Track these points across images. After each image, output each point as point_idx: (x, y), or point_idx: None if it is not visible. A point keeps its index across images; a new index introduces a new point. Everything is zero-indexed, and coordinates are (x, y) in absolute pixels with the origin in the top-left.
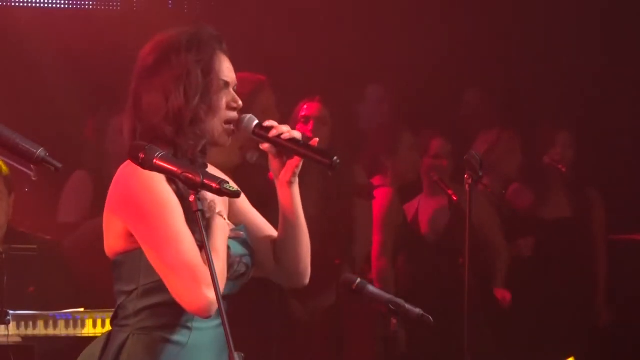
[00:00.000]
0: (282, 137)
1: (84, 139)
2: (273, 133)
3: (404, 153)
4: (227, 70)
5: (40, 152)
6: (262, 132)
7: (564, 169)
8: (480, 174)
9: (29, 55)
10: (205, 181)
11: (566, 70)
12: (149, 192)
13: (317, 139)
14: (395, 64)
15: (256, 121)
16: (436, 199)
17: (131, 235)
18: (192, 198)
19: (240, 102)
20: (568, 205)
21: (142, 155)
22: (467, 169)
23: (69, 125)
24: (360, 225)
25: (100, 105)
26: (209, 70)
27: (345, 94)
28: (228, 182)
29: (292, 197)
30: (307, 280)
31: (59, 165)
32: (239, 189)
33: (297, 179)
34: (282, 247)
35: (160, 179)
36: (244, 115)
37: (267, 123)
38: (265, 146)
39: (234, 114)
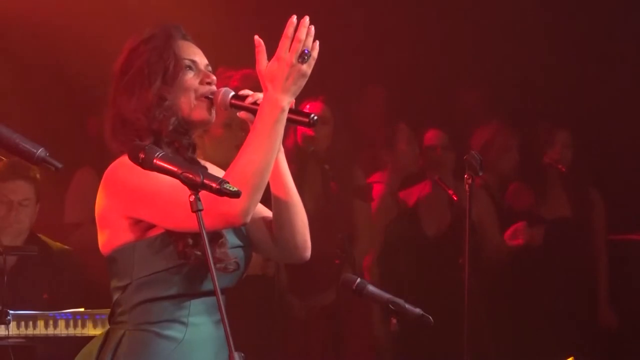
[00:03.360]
0: (258, 102)
1: (87, 136)
2: (249, 100)
3: (402, 147)
4: (189, 50)
5: (40, 152)
6: (238, 102)
7: (563, 169)
8: (480, 173)
9: (30, 54)
10: (205, 181)
11: (566, 70)
12: (134, 171)
13: (293, 101)
14: (394, 64)
15: (232, 92)
16: (436, 196)
17: (124, 229)
18: (192, 198)
19: (214, 77)
20: (568, 205)
21: (142, 156)
22: (467, 169)
23: (71, 122)
24: (360, 225)
25: (103, 103)
26: (164, 52)
27: (346, 95)
28: (228, 182)
29: (279, 166)
30: (308, 254)
31: (59, 165)
32: (238, 189)
33: (281, 147)
34: (278, 223)
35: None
36: (219, 89)
37: (243, 92)
38: (243, 114)
39: (208, 88)
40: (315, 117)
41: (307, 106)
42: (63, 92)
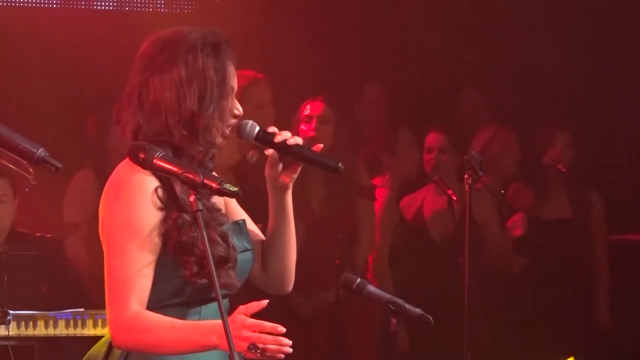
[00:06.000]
0: (288, 142)
1: (87, 136)
2: (279, 139)
3: (403, 150)
4: (235, 77)
5: (41, 152)
6: (266, 138)
7: (563, 169)
8: (480, 173)
9: (30, 53)
10: (205, 181)
11: (566, 70)
12: (126, 221)
13: (321, 145)
14: (395, 63)
15: (257, 127)
16: (439, 198)
17: None
18: (192, 198)
19: (241, 109)
20: (568, 206)
21: (142, 155)
22: (467, 169)
23: (71, 123)
24: (362, 225)
25: (102, 102)
26: (225, 80)
27: (347, 94)
28: (228, 182)
29: (287, 203)
30: (290, 288)
31: (60, 165)
32: (238, 189)
33: (292, 185)
34: (270, 253)
35: (145, 205)
36: (244, 122)
37: (270, 129)
38: (270, 151)
39: (235, 121)
40: (342, 167)
41: (308, 106)
42: (63, 93)
